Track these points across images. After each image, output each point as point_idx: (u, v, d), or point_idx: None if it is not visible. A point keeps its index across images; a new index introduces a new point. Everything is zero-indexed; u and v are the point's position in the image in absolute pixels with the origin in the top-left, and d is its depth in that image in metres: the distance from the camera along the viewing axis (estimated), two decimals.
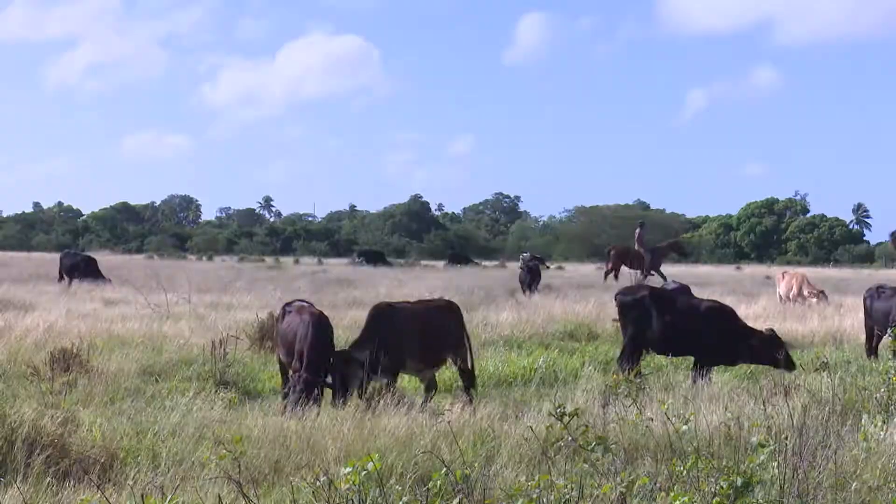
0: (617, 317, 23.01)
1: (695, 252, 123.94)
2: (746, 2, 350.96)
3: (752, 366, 20.57)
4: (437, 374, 18.51)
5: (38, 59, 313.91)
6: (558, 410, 12.94)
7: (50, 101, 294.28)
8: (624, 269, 57.97)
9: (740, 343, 19.77)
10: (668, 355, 21.30)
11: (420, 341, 17.48)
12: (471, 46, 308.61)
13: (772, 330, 20.29)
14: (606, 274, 57.73)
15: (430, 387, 18.03)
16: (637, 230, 66.46)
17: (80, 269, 48.57)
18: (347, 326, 27.02)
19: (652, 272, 58.24)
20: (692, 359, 21.02)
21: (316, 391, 16.14)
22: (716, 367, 20.43)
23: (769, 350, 19.22)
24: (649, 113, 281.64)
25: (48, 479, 11.42)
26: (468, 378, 18.33)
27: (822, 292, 39.09)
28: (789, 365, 18.92)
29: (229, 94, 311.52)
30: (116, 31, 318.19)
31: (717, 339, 20.00)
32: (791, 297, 39.09)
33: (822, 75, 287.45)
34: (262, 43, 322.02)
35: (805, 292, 39.06)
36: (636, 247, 62.12)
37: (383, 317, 17.49)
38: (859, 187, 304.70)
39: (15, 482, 11.35)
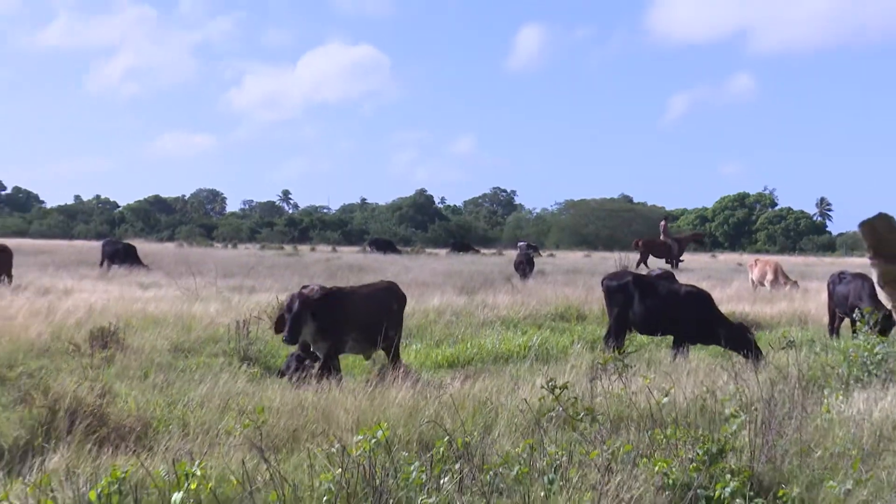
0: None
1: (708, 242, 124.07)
2: (725, 14, 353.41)
3: None
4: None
5: (80, 65, 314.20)
6: (550, 384, 13.00)
7: (90, 103, 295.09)
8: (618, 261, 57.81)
9: (714, 327, 19.81)
10: (650, 335, 21.39)
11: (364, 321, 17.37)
12: (473, 54, 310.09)
13: (740, 324, 20.37)
14: (638, 264, 57.72)
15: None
16: (662, 223, 67.24)
17: (120, 255, 48.53)
18: None
19: (680, 260, 58.49)
20: (672, 338, 21.14)
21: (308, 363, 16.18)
22: (693, 346, 20.47)
23: (738, 338, 19.26)
24: (635, 115, 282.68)
25: (88, 445, 11.43)
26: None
27: (796, 282, 39.16)
28: (753, 354, 18.88)
29: (253, 97, 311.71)
30: (152, 40, 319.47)
31: (695, 322, 20.05)
32: (767, 283, 39.16)
33: (792, 82, 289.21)
34: (284, 51, 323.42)
35: (781, 280, 39.14)
36: (662, 238, 62.45)
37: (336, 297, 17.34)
38: (822, 183, 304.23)
39: (59, 448, 11.38)
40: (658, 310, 20.57)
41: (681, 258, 59.88)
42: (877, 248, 1.76)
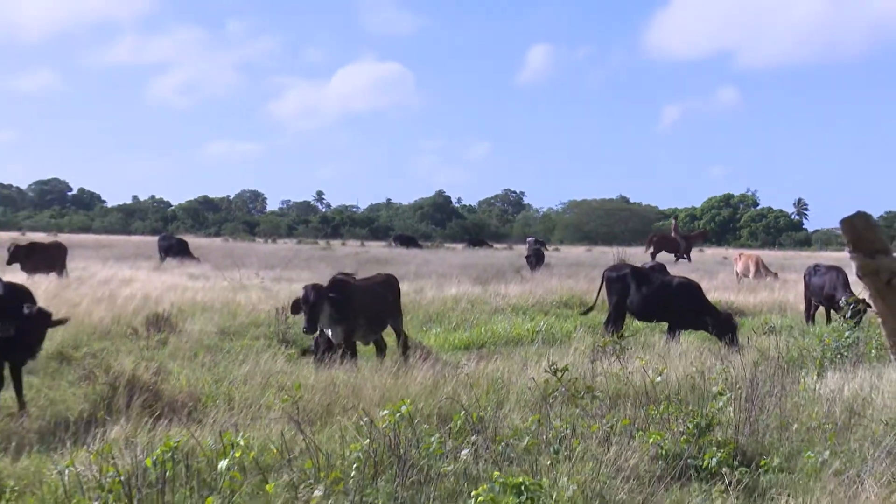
0: None
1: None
2: (712, 34, 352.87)
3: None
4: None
5: (140, 80, 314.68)
6: (554, 365, 12.98)
7: (148, 113, 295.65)
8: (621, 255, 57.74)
9: (703, 315, 19.80)
10: (645, 321, 21.41)
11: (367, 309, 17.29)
12: (488, 70, 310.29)
13: (728, 313, 20.35)
14: (653, 256, 57.74)
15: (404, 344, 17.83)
16: (673, 222, 67.93)
17: (173, 249, 48.65)
18: None
19: (686, 255, 58.46)
20: (664, 324, 21.16)
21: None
22: (684, 332, 20.45)
23: (723, 327, 19.26)
24: (632, 124, 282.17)
25: (144, 418, 11.46)
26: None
27: (776, 274, 39.12)
28: (733, 343, 18.87)
29: (292, 109, 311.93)
30: (202, 58, 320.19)
31: (685, 310, 20.05)
32: (750, 274, 39.16)
33: (772, 94, 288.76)
34: (320, 67, 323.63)
35: (762, 272, 39.13)
36: (672, 234, 62.59)
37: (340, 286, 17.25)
38: (799, 185, 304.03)
39: (118, 420, 11.41)
40: (653, 299, 20.61)
41: (689, 254, 59.76)
42: (856, 244, 1.75)
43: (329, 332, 16.58)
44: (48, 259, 33.55)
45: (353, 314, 16.65)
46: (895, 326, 1.67)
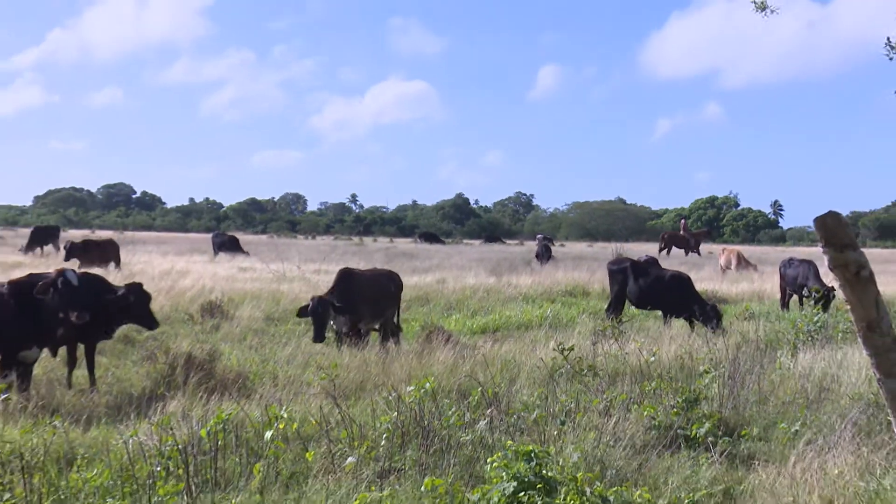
0: None
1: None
2: (700, 56, 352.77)
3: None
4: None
5: (196, 96, 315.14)
6: (560, 347, 12.97)
7: (203, 125, 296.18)
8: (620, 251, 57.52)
9: (692, 304, 19.78)
10: (642, 309, 21.40)
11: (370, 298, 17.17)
12: (503, 88, 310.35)
13: (714, 304, 20.32)
14: (660, 251, 57.62)
15: (395, 332, 17.60)
16: (682, 222, 68.30)
17: (226, 245, 48.75)
18: (413, 286, 27.09)
19: (696, 250, 58.30)
20: (656, 311, 21.16)
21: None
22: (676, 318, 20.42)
23: (706, 315, 19.23)
24: (629, 134, 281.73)
25: (199, 393, 11.46)
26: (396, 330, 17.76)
27: (755, 266, 39.06)
28: (718, 328, 18.82)
29: (330, 122, 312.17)
30: (251, 77, 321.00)
31: (677, 300, 20.03)
32: (732, 267, 39.14)
33: (752, 109, 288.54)
34: (355, 86, 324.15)
35: (743, 265, 39.12)
36: (682, 232, 62.58)
37: (349, 276, 17.16)
38: (775, 188, 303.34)
39: (176, 396, 11.43)
40: (649, 289, 20.60)
41: (699, 249, 59.51)
42: (827, 240, 1.74)
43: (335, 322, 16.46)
44: (102, 254, 33.92)
45: (358, 304, 16.56)
46: (862, 313, 1.66)
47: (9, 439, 8.83)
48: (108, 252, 34.51)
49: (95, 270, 20.98)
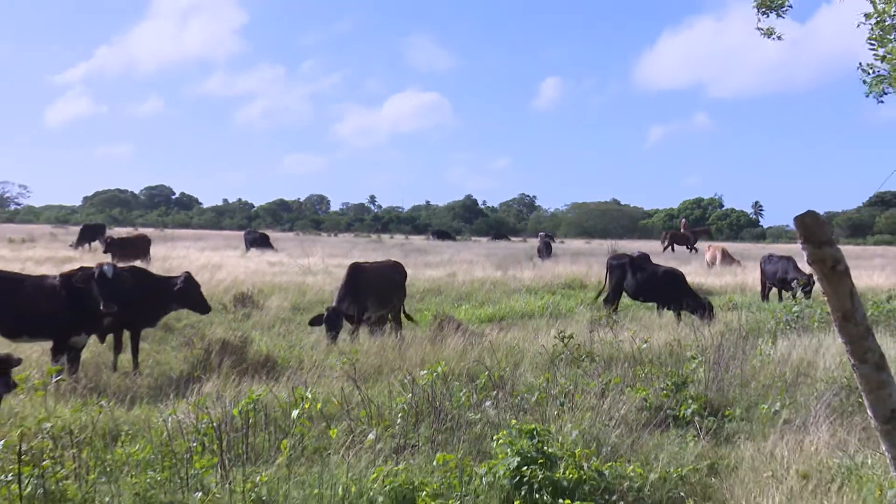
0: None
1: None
2: (689, 69, 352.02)
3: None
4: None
5: (231, 107, 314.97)
6: (560, 335, 12.95)
7: (237, 133, 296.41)
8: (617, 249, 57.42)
9: (684, 297, 19.76)
10: (637, 301, 21.40)
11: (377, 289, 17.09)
12: (509, 99, 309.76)
13: (707, 299, 20.31)
14: (664, 249, 57.63)
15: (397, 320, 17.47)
16: (683, 221, 68.42)
17: (257, 242, 48.80)
18: (426, 279, 27.08)
19: (695, 247, 58.20)
20: (646, 301, 21.16)
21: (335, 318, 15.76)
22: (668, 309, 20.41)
23: (698, 308, 19.20)
24: (624, 141, 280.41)
25: (232, 376, 11.50)
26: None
27: (738, 262, 39.06)
28: (709, 317, 18.78)
29: (352, 130, 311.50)
30: (280, 90, 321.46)
31: (670, 293, 20.02)
32: (717, 262, 39.15)
33: (736, 118, 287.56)
34: (375, 97, 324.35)
35: (727, 260, 39.15)
36: (682, 230, 62.60)
37: (358, 270, 17.09)
38: (756, 191, 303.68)
39: (211, 378, 11.46)
40: (645, 283, 20.61)
41: (696, 245, 59.33)
42: (806, 237, 1.73)
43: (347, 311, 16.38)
44: (135, 249, 34.25)
45: (366, 294, 16.51)
46: (837, 304, 1.65)
47: (60, 417, 8.86)
48: (140, 247, 35.04)
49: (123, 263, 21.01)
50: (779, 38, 9.53)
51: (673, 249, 57.39)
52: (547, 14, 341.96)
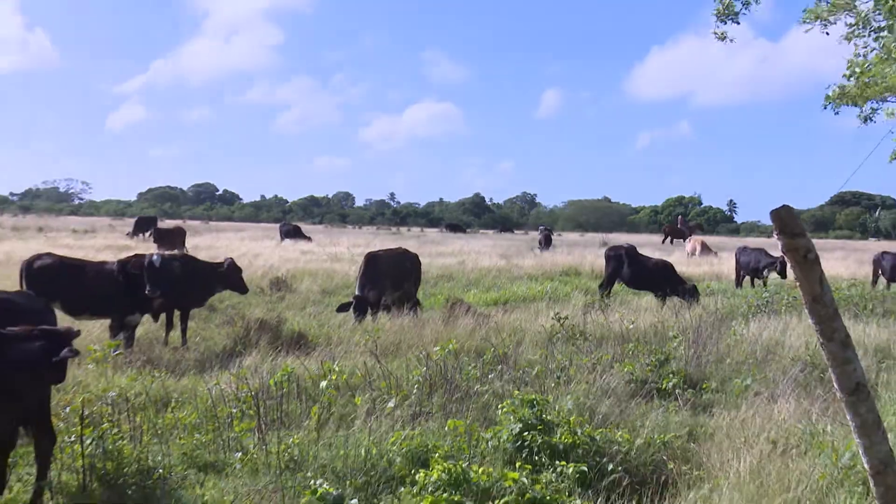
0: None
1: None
2: (674, 82, 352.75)
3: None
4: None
5: (268, 114, 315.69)
6: (557, 316, 12.94)
7: (273, 138, 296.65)
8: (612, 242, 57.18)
9: (674, 285, 19.70)
10: (632, 288, 21.31)
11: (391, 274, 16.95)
12: (515, 108, 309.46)
13: (693, 284, 20.25)
14: (663, 241, 57.61)
15: (410, 301, 17.12)
16: (679, 217, 68.18)
17: (291, 233, 48.83)
18: (439, 266, 27.04)
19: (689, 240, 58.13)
20: (632, 288, 21.12)
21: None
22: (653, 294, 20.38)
23: (688, 293, 19.14)
24: (615, 146, 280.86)
25: (269, 351, 11.52)
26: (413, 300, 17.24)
27: (716, 253, 39.04)
28: (696, 301, 18.73)
29: (376, 135, 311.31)
30: (312, 101, 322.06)
31: (661, 281, 19.97)
32: (697, 253, 39.13)
33: (715, 125, 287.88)
34: (396, 105, 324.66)
35: (705, 251, 39.15)
36: (678, 225, 62.42)
37: (373, 259, 17.00)
38: (731, 190, 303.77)
39: (250, 353, 11.48)
40: (638, 272, 20.55)
41: (690, 239, 59.14)
42: (781, 229, 1.72)
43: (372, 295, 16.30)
44: (173, 238, 34.87)
45: (381, 279, 16.45)
46: (808, 288, 1.64)
47: (118, 386, 8.88)
48: (175, 237, 35.61)
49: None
50: (731, 41, 9.52)
51: (672, 242, 57.24)
52: (548, 32, 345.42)
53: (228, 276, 14.52)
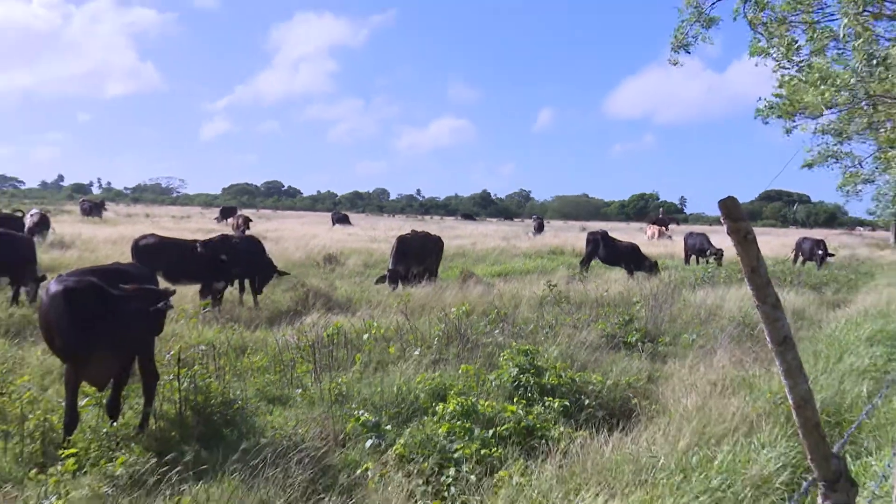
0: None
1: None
2: (642, 103, 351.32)
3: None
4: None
5: (323, 128, 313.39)
6: (548, 284, 12.85)
7: (327, 146, 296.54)
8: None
9: (639, 262, 19.62)
10: (606, 264, 21.15)
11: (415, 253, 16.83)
12: (517, 123, 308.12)
13: (655, 261, 20.15)
14: (651, 236, 56.96)
15: (432, 274, 16.82)
16: (661, 210, 67.50)
17: (341, 220, 48.92)
18: (455, 246, 27.00)
19: (667, 229, 57.41)
20: (605, 265, 21.00)
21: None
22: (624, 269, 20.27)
23: (651, 268, 19.08)
24: (593, 154, 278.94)
25: (323, 311, 11.54)
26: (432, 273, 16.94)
27: (670, 237, 38.90)
28: (656, 275, 18.65)
29: (406, 143, 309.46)
30: (358, 117, 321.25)
31: (632, 259, 19.89)
32: (655, 237, 38.99)
33: (674, 137, 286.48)
34: (422, 120, 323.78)
35: (662, 235, 39.04)
36: (660, 216, 61.85)
37: (402, 240, 16.88)
38: (683, 187, 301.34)
39: (309, 313, 11.50)
40: (611, 252, 20.47)
41: (668, 227, 58.34)
42: (727, 214, 1.71)
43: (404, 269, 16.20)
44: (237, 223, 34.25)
45: (409, 256, 16.38)
46: (747, 261, 1.63)
47: (206, 337, 8.92)
48: (240, 223, 35.03)
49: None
50: (680, 65, 9.39)
51: (659, 236, 56.31)
52: (544, 63, 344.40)
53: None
